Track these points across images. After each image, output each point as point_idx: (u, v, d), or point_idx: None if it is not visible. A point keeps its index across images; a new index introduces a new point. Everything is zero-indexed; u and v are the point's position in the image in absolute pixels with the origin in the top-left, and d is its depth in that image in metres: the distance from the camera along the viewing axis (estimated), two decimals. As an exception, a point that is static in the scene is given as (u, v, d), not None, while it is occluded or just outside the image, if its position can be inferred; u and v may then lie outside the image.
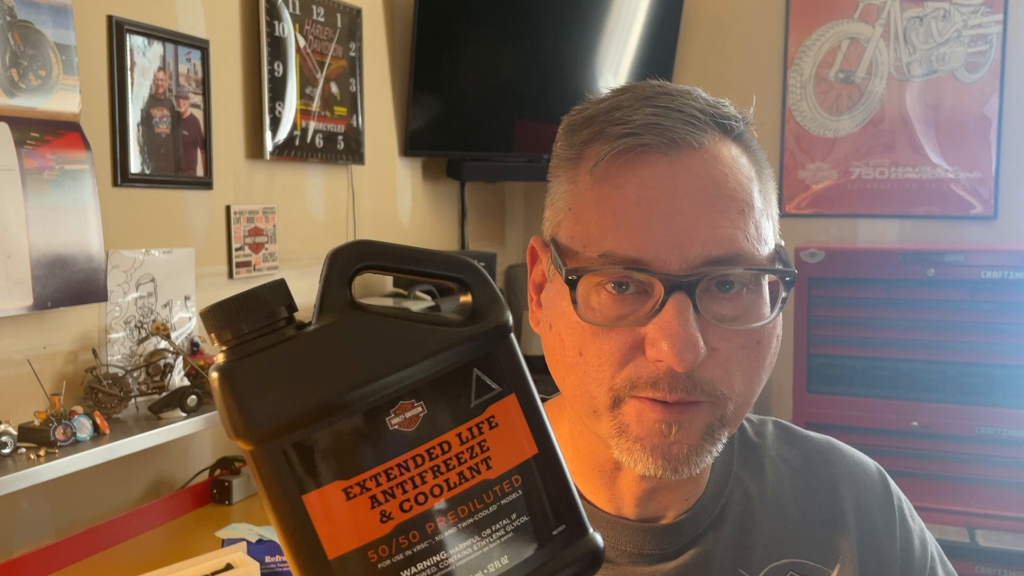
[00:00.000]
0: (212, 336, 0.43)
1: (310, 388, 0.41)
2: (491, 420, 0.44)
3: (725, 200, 0.63)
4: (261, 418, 0.41)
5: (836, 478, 0.80)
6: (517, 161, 3.25)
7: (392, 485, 0.42)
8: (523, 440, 0.45)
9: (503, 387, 0.45)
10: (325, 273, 0.45)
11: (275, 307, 0.43)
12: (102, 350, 1.88)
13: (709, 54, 3.37)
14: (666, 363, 0.61)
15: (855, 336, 2.68)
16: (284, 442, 0.41)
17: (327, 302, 0.44)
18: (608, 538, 0.73)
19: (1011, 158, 3.05)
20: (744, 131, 0.68)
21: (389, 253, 0.46)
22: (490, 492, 0.44)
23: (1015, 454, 2.50)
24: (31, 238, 1.69)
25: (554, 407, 0.79)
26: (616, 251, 0.63)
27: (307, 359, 0.42)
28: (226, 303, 0.42)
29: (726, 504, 0.76)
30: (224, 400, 0.41)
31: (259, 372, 0.41)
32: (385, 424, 0.42)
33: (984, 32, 3.05)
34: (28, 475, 1.54)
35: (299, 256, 2.55)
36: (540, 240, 0.72)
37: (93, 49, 1.89)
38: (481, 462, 0.44)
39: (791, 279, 0.65)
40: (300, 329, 0.43)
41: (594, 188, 0.65)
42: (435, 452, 0.43)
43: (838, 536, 0.77)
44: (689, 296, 0.61)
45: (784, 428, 0.84)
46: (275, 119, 2.40)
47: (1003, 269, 2.50)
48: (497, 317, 0.46)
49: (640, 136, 0.63)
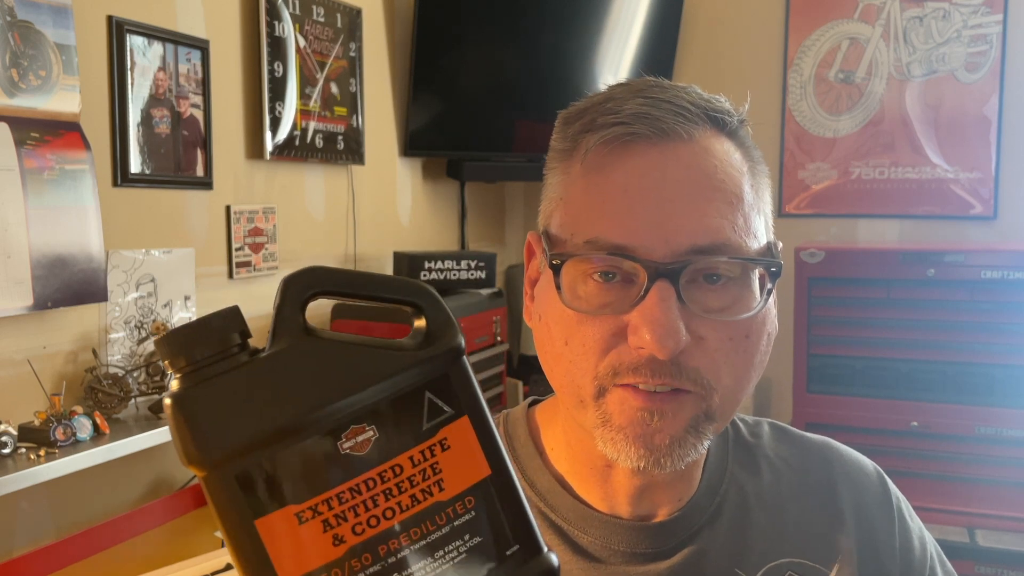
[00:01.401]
0: (166, 363, 0.43)
1: (262, 414, 0.42)
2: (443, 442, 0.45)
3: (713, 191, 0.63)
4: (213, 444, 0.41)
5: (834, 477, 0.80)
6: (517, 161, 3.25)
7: (344, 508, 0.42)
8: (476, 461, 0.45)
9: (455, 409, 0.46)
10: (279, 300, 0.44)
11: (228, 334, 0.43)
12: (102, 350, 1.88)
13: (709, 54, 3.37)
14: (647, 350, 0.61)
15: (855, 336, 2.68)
16: (236, 467, 0.42)
17: (280, 328, 0.44)
18: (601, 537, 0.72)
19: (1011, 158, 3.05)
20: (739, 128, 0.68)
21: (342, 279, 0.46)
22: (443, 514, 0.44)
23: (1015, 454, 2.50)
24: (31, 238, 1.69)
25: (548, 409, 0.79)
26: (601, 237, 0.63)
27: (259, 385, 0.43)
28: (180, 331, 0.43)
29: (721, 502, 0.75)
30: (177, 426, 0.42)
31: (212, 398, 0.42)
32: (337, 448, 0.43)
33: (984, 32, 3.05)
34: (28, 475, 1.55)
35: (299, 256, 2.55)
36: (535, 235, 0.72)
37: (93, 49, 1.89)
38: (434, 484, 0.44)
39: (777, 270, 0.65)
40: (253, 355, 0.44)
41: (584, 177, 0.66)
42: (387, 475, 0.43)
43: (837, 535, 0.77)
44: (673, 284, 0.61)
45: (780, 428, 0.83)
46: (275, 119, 2.40)
47: (1003, 269, 2.50)
48: (450, 340, 0.46)
49: (629, 125, 0.64)
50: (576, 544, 0.73)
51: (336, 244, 2.73)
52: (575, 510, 0.73)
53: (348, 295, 0.47)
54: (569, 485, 0.74)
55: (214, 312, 0.44)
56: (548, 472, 0.75)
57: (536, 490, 0.75)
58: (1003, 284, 2.49)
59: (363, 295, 0.47)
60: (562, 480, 0.75)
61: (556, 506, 0.74)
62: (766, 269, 0.65)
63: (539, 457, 0.76)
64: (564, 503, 0.74)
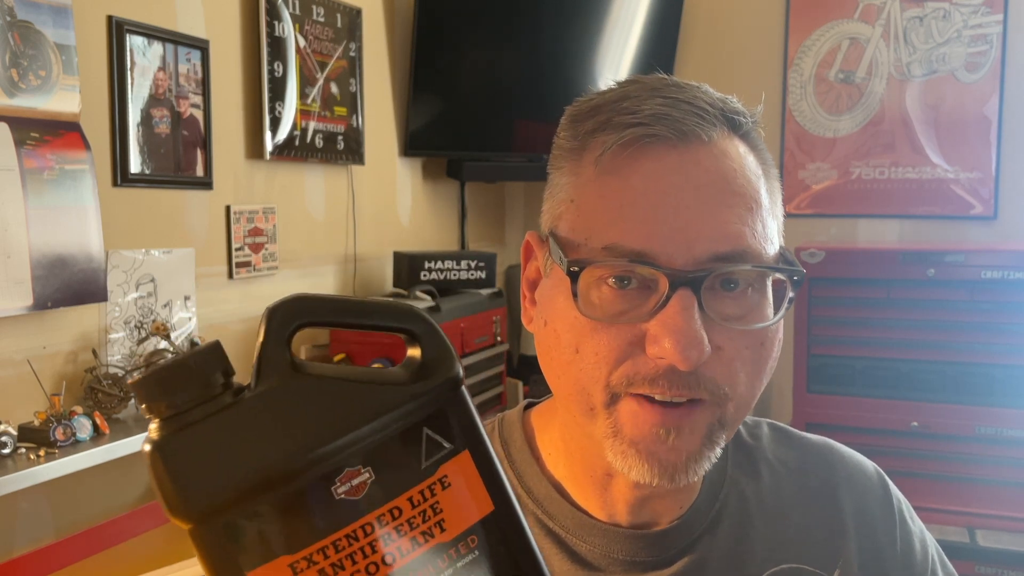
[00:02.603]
0: (143, 409, 0.41)
1: (250, 460, 0.40)
2: (443, 480, 0.42)
3: (734, 196, 0.62)
4: (199, 495, 0.39)
5: (835, 480, 0.79)
6: (517, 161, 3.25)
7: (341, 557, 0.40)
8: (478, 498, 0.43)
9: (455, 444, 0.43)
10: (262, 334, 0.42)
11: (210, 375, 0.41)
12: (102, 350, 1.88)
13: (709, 54, 3.37)
14: (668, 360, 0.59)
15: (855, 336, 2.68)
16: (224, 519, 0.39)
17: (265, 364, 0.41)
18: (600, 546, 0.71)
19: (1011, 158, 3.05)
20: (751, 129, 0.67)
21: (329, 307, 0.44)
22: (445, 556, 0.42)
23: (1015, 454, 2.50)
24: (31, 238, 1.69)
25: (545, 412, 0.77)
26: (621, 244, 0.61)
27: (246, 429, 0.40)
28: (158, 372, 0.40)
29: (721, 508, 0.74)
30: (158, 477, 0.39)
31: (195, 445, 0.40)
32: (331, 493, 0.40)
33: (984, 32, 3.05)
34: (28, 475, 1.55)
35: (299, 256, 2.55)
36: (536, 235, 0.70)
37: (93, 49, 1.89)
38: (435, 525, 0.42)
39: (799, 278, 0.63)
40: (238, 395, 0.41)
41: (598, 179, 0.63)
42: (385, 519, 0.41)
43: (838, 540, 0.76)
44: (695, 292, 0.59)
45: (780, 430, 0.82)
46: (275, 119, 2.40)
47: (1003, 269, 2.50)
48: (447, 371, 0.44)
49: (649, 127, 0.61)
50: (574, 552, 0.72)
51: (336, 244, 2.73)
52: (573, 518, 0.72)
53: (337, 325, 0.44)
54: (567, 492, 0.73)
55: (194, 350, 0.41)
56: (545, 479, 0.74)
57: (533, 497, 0.73)
58: (1003, 284, 2.49)
59: (353, 324, 0.44)
60: (559, 487, 0.73)
61: (554, 514, 0.72)
62: (789, 278, 0.63)
63: (536, 463, 0.75)
64: (562, 511, 0.72)
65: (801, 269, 0.64)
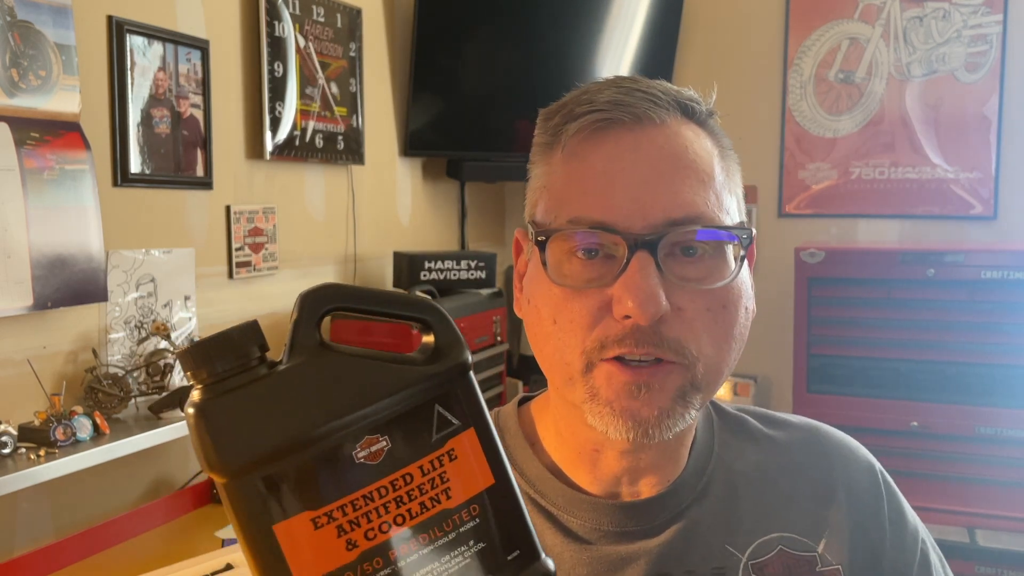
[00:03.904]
0: (188, 375, 0.46)
1: (281, 424, 0.44)
2: (451, 453, 0.48)
3: (687, 169, 0.68)
4: (234, 453, 0.44)
5: (821, 452, 0.82)
6: (517, 161, 3.24)
7: (358, 515, 0.45)
8: (480, 471, 0.48)
9: (462, 422, 0.48)
10: (296, 315, 0.47)
11: (248, 348, 0.46)
12: (102, 350, 1.88)
13: (709, 54, 3.37)
14: (633, 319, 0.64)
15: (855, 336, 2.68)
16: (256, 475, 0.44)
17: (297, 342, 0.46)
18: (590, 520, 0.75)
19: (1011, 158, 3.05)
20: (707, 118, 0.72)
21: (356, 296, 0.49)
22: (449, 520, 0.47)
23: (1015, 454, 2.50)
24: (31, 238, 1.69)
25: (540, 404, 0.81)
26: (583, 215, 0.67)
27: (278, 397, 0.45)
28: (202, 344, 0.45)
29: (709, 482, 0.77)
30: (199, 436, 0.44)
31: (233, 409, 0.44)
32: (351, 457, 0.45)
33: (984, 32, 3.05)
34: (28, 475, 1.55)
35: (299, 256, 2.55)
36: (522, 231, 0.77)
37: (93, 49, 1.89)
38: (441, 492, 0.47)
39: (748, 236, 0.68)
40: (272, 368, 0.46)
41: (565, 163, 0.70)
42: (398, 483, 0.46)
43: (825, 509, 0.78)
44: (651, 254, 0.65)
45: (765, 413, 0.86)
46: (275, 119, 2.40)
47: (1003, 269, 2.50)
48: (457, 356, 0.49)
49: (606, 112, 0.68)
50: (566, 528, 0.75)
51: (336, 244, 2.73)
52: (564, 495, 0.76)
53: (362, 311, 0.49)
54: (560, 471, 0.77)
55: (235, 326, 0.46)
56: (538, 460, 0.78)
57: (526, 478, 0.77)
58: (1003, 284, 2.49)
59: (376, 312, 0.49)
60: (552, 467, 0.77)
61: (545, 492, 0.76)
62: (738, 237, 0.68)
63: (529, 447, 0.79)
64: (553, 489, 0.76)
65: (749, 228, 0.70)
